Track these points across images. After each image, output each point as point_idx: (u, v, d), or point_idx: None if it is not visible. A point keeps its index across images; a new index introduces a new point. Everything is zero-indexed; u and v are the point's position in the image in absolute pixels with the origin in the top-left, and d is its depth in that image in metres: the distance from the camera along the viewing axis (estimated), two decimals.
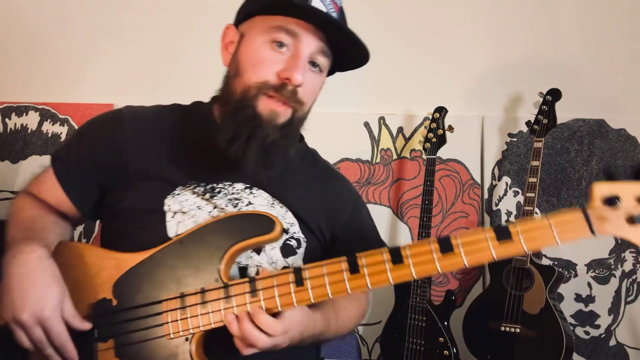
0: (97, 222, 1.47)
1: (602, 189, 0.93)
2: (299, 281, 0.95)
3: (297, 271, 0.96)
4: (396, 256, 0.94)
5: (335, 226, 1.19)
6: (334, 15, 1.03)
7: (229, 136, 1.02)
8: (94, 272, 1.01)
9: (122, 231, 1.07)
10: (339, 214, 1.19)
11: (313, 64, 1.04)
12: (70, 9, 2.21)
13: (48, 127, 2.16)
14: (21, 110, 2.16)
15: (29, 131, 2.15)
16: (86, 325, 0.96)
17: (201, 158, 1.09)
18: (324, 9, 1.01)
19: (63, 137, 2.18)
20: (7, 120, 2.16)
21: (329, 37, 1.04)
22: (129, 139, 1.10)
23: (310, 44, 1.02)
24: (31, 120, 2.16)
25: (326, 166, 1.28)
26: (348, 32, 1.02)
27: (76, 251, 1.05)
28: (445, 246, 0.93)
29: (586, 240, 2.18)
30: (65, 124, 2.16)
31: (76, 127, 2.18)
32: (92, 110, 2.15)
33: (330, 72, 1.14)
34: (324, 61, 1.06)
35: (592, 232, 0.92)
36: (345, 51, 1.07)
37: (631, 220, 0.91)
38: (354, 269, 0.94)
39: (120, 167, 1.08)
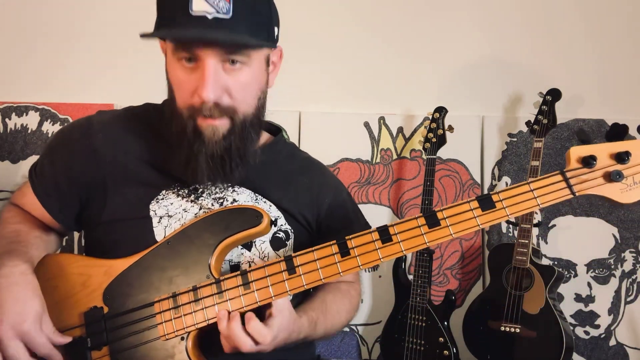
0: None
1: (578, 152, 0.97)
2: (291, 269, 0.97)
3: (288, 259, 0.97)
4: (385, 235, 0.97)
5: (320, 215, 1.19)
6: (224, 6, 0.91)
7: (182, 161, 1.01)
8: (82, 281, 1.01)
9: (108, 241, 1.05)
10: (321, 202, 1.19)
11: (233, 61, 0.96)
12: (71, 9, 2.21)
13: (48, 127, 2.15)
14: (21, 110, 2.16)
15: (29, 131, 2.15)
16: (66, 339, 0.95)
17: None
18: (208, 8, 0.90)
19: None
20: (7, 120, 2.16)
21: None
22: (101, 147, 1.07)
23: (212, 53, 0.93)
24: (31, 120, 2.15)
25: (304, 158, 1.27)
26: (234, 39, 0.92)
27: (62, 262, 1.03)
28: (432, 221, 0.96)
29: (586, 240, 2.17)
30: (65, 124, 2.16)
31: None
32: (92, 110, 2.12)
33: None
34: (241, 57, 0.96)
35: (573, 193, 0.95)
36: None
37: (608, 177, 0.95)
38: (344, 251, 0.96)
39: (97, 177, 1.06)
